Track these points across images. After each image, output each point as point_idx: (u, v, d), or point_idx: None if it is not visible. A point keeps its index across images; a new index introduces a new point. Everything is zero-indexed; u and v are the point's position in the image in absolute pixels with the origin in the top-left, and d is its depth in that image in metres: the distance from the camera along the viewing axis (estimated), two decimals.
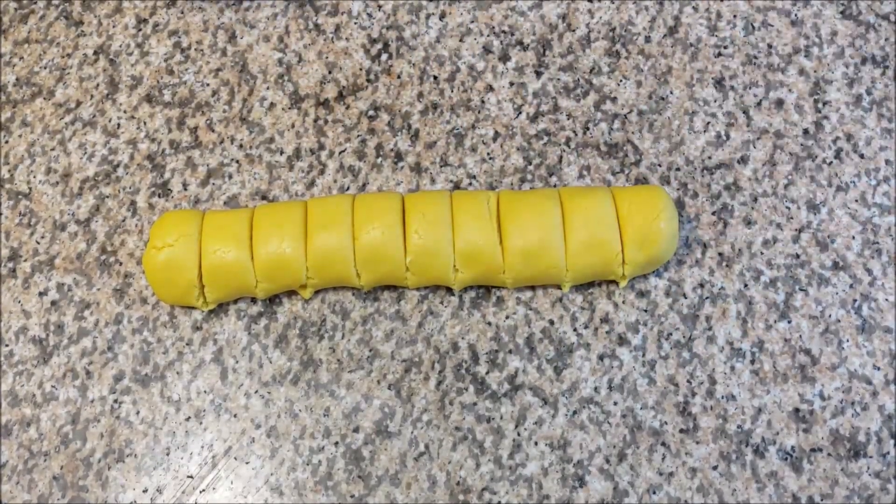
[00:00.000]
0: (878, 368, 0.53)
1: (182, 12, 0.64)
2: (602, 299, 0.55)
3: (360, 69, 0.62)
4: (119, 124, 0.61)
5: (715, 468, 0.51)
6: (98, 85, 0.62)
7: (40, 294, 0.57)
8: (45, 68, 0.63)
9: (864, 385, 0.52)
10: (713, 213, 0.57)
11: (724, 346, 0.54)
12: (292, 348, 0.55)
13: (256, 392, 0.54)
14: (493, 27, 0.62)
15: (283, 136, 0.60)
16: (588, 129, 0.59)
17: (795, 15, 0.62)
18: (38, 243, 0.59)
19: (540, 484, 0.51)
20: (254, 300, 0.56)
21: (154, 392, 0.54)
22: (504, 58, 0.62)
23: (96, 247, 0.58)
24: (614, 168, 0.58)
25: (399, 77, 0.61)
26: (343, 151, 0.60)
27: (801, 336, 0.54)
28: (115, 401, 0.54)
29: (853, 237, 0.56)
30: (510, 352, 0.54)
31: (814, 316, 0.54)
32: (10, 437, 0.54)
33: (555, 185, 0.58)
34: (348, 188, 0.59)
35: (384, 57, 0.62)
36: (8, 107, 0.62)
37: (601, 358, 0.54)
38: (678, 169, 0.58)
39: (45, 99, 0.63)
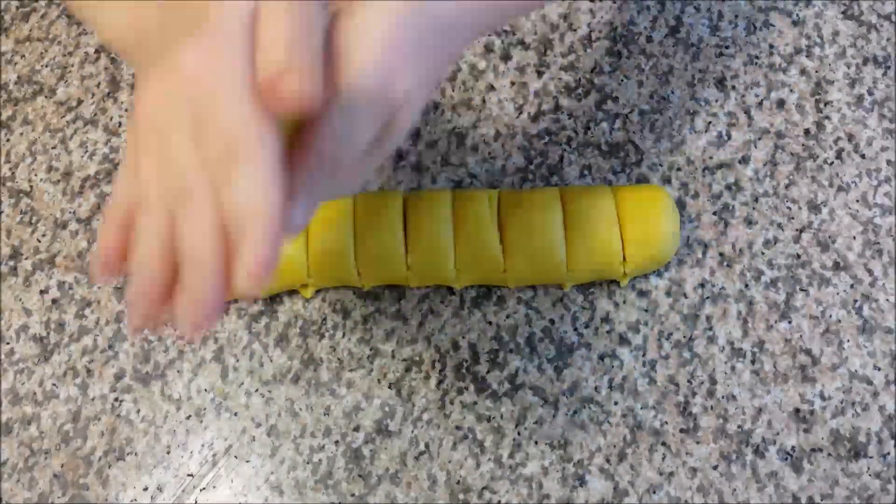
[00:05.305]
0: (879, 369, 0.53)
1: None
2: (603, 299, 0.55)
3: None
4: (120, 123, 0.61)
5: (715, 468, 0.51)
6: (99, 83, 0.62)
7: (41, 292, 0.57)
8: (46, 66, 0.63)
9: (864, 385, 0.52)
10: (714, 213, 0.57)
11: (724, 346, 0.54)
12: (293, 347, 0.55)
13: (257, 391, 0.54)
14: None
15: None
16: (589, 128, 0.59)
17: (797, 15, 0.62)
18: (40, 241, 0.59)
19: (540, 483, 0.51)
20: (254, 299, 0.56)
21: (155, 390, 0.54)
22: (505, 57, 0.62)
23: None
24: (615, 168, 0.58)
25: None
26: None
27: (801, 336, 0.54)
28: (116, 399, 0.54)
29: (854, 237, 0.56)
30: (511, 351, 0.54)
31: (814, 316, 0.54)
32: (10, 435, 0.54)
33: (556, 185, 0.58)
34: None
35: None
36: (9, 105, 0.63)
37: (602, 357, 0.54)
38: (679, 169, 0.58)
39: (46, 97, 0.63)
